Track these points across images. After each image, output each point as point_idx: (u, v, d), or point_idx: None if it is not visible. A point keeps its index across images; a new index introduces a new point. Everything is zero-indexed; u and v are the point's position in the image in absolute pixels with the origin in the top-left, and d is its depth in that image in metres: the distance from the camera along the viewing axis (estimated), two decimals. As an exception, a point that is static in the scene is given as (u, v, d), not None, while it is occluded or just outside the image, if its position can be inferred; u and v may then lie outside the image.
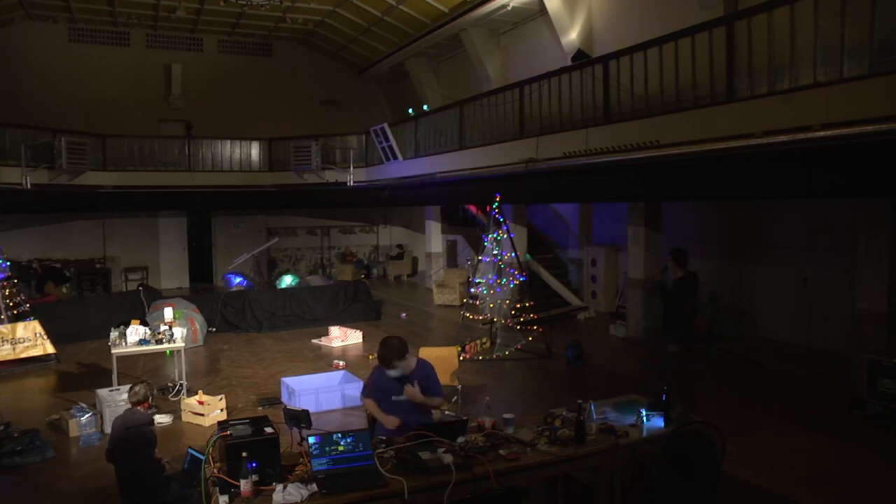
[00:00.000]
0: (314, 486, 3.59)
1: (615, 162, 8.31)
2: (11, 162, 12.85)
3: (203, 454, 3.99)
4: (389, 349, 4.91)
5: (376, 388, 5.10)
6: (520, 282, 10.41)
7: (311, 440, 3.82)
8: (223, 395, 7.66)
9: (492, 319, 10.54)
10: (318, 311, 13.08)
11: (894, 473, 5.88)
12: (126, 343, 8.00)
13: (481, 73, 15.39)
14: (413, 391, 4.93)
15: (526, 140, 9.92)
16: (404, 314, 13.95)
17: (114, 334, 8.09)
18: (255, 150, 17.17)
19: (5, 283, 10.24)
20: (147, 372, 9.48)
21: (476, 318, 10.89)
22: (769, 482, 5.58)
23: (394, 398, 4.99)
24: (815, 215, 9.89)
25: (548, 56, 13.10)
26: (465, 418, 4.79)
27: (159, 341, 8.17)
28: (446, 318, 13.49)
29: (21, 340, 9.83)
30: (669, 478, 4.42)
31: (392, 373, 4.92)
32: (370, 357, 9.49)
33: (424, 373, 5.09)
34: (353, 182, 16.23)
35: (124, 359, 8.55)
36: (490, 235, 10.27)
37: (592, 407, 4.84)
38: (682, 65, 7.39)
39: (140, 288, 13.26)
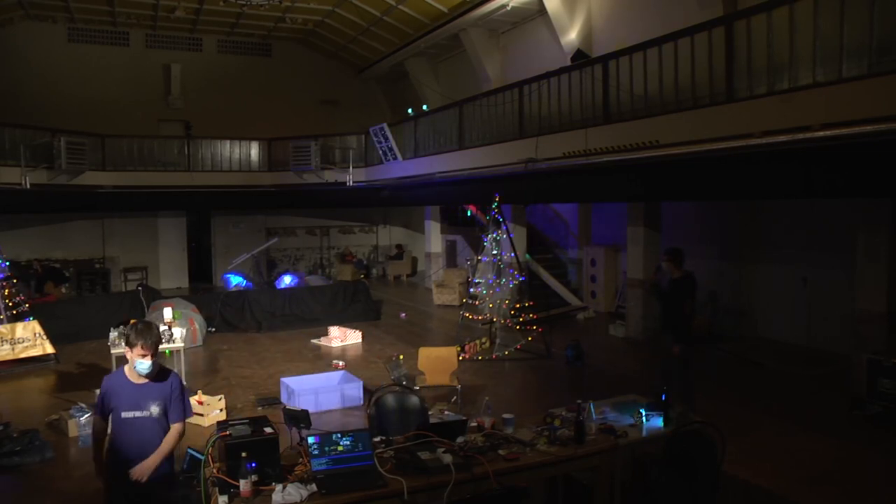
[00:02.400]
0: (314, 486, 3.59)
1: (615, 162, 8.30)
2: (11, 162, 12.83)
3: (202, 454, 3.98)
4: (148, 332, 3.76)
5: (108, 397, 3.83)
6: (519, 282, 10.41)
7: (311, 440, 3.82)
8: (222, 396, 7.65)
9: (491, 319, 10.53)
10: (318, 312, 13.07)
11: (894, 473, 5.88)
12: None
13: (481, 73, 15.39)
14: (143, 468, 3.75)
15: (525, 140, 9.92)
16: (404, 314, 13.95)
17: (113, 334, 8.07)
18: (254, 150, 17.16)
19: (5, 283, 10.23)
20: (146, 372, 9.46)
21: (475, 318, 10.89)
22: (769, 482, 5.59)
23: (125, 415, 3.78)
24: (815, 215, 9.89)
25: (547, 56, 13.09)
26: (464, 418, 4.78)
27: (159, 341, 8.15)
28: (446, 318, 13.48)
29: (20, 340, 9.82)
30: (669, 478, 4.42)
31: (141, 367, 3.77)
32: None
33: (167, 389, 3.89)
34: (353, 182, 16.23)
35: (123, 359, 8.51)
36: (489, 235, 10.27)
37: (592, 407, 4.84)
38: (681, 65, 7.39)
39: (139, 288, 13.25)
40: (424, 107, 15.96)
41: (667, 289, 7.13)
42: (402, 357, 9.08)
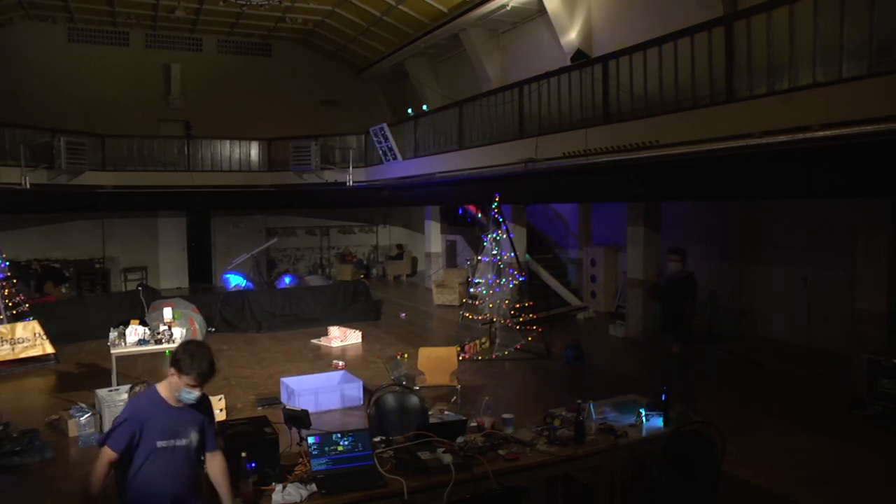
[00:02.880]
0: (313, 487, 3.59)
1: (615, 162, 8.30)
2: (11, 162, 12.83)
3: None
4: (203, 359, 3.25)
5: (137, 423, 3.22)
6: (519, 282, 10.41)
7: (311, 440, 3.82)
8: (222, 396, 7.64)
9: (491, 319, 10.53)
10: (318, 312, 13.07)
11: (894, 473, 5.88)
12: (125, 343, 8.00)
13: (481, 73, 15.38)
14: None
15: (525, 140, 9.92)
16: (404, 314, 13.95)
17: (113, 334, 8.09)
18: (254, 150, 17.17)
19: (5, 283, 10.23)
20: (146, 372, 9.46)
21: (475, 318, 10.88)
22: (769, 482, 5.59)
23: (161, 444, 3.24)
24: (815, 215, 9.89)
25: (547, 56, 13.09)
26: (464, 418, 4.78)
27: (158, 341, 8.16)
28: (446, 318, 13.48)
29: (20, 340, 9.82)
30: (669, 478, 4.42)
31: (188, 397, 3.27)
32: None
33: (204, 412, 3.45)
34: (353, 182, 16.23)
35: (123, 359, 8.54)
36: (489, 235, 10.27)
37: (592, 407, 4.84)
38: (681, 65, 7.39)
39: (139, 288, 13.24)
40: (424, 107, 15.96)
41: (665, 288, 7.10)
42: (406, 356, 9.07)
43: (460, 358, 8.97)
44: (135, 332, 8.04)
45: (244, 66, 19.73)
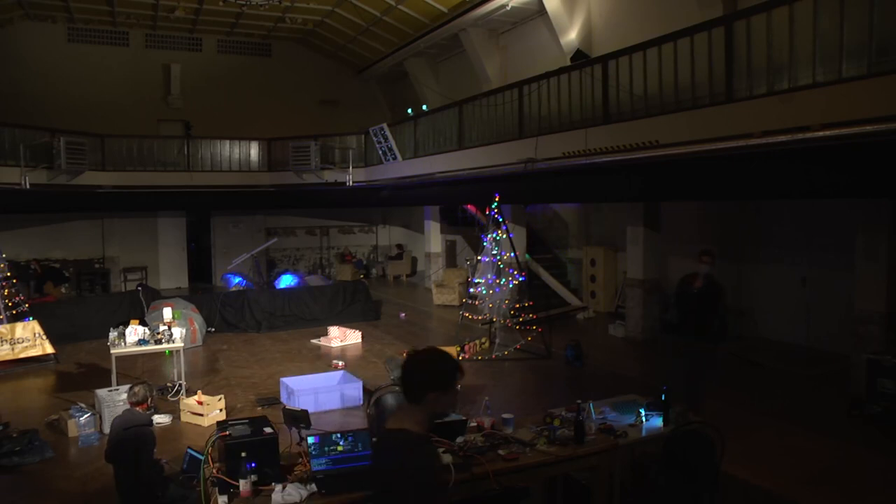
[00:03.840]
0: (313, 486, 3.59)
1: (614, 162, 8.31)
2: (10, 162, 12.83)
3: (202, 454, 3.99)
4: (445, 356, 2.70)
5: None
6: (519, 282, 10.41)
7: (311, 440, 3.83)
8: (222, 396, 7.66)
9: (491, 319, 10.53)
10: (317, 312, 13.08)
11: (894, 473, 5.88)
12: (125, 343, 8.00)
13: (480, 73, 15.38)
14: None
15: (525, 140, 9.92)
16: (403, 314, 13.94)
17: (113, 334, 8.09)
18: (254, 150, 17.16)
19: (4, 284, 10.24)
20: (146, 372, 9.47)
21: (475, 318, 10.89)
22: (769, 482, 5.59)
23: None
24: (815, 215, 9.89)
25: (547, 56, 13.09)
26: (464, 418, 4.78)
27: (158, 341, 8.17)
28: (445, 318, 13.48)
29: (20, 340, 9.82)
30: (669, 478, 4.42)
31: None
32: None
33: None
34: (353, 182, 16.23)
35: (123, 359, 8.54)
36: (489, 235, 10.27)
37: (591, 407, 4.84)
38: (681, 65, 7.39)
39: (139, 288, 13.25)
40: (424, 107, 15.95)
41: (704, 289, 6.90)
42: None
43: (460, 358, 8.97)
44: (134, 332, 8.04)
45: (244, 65, 19.74)
